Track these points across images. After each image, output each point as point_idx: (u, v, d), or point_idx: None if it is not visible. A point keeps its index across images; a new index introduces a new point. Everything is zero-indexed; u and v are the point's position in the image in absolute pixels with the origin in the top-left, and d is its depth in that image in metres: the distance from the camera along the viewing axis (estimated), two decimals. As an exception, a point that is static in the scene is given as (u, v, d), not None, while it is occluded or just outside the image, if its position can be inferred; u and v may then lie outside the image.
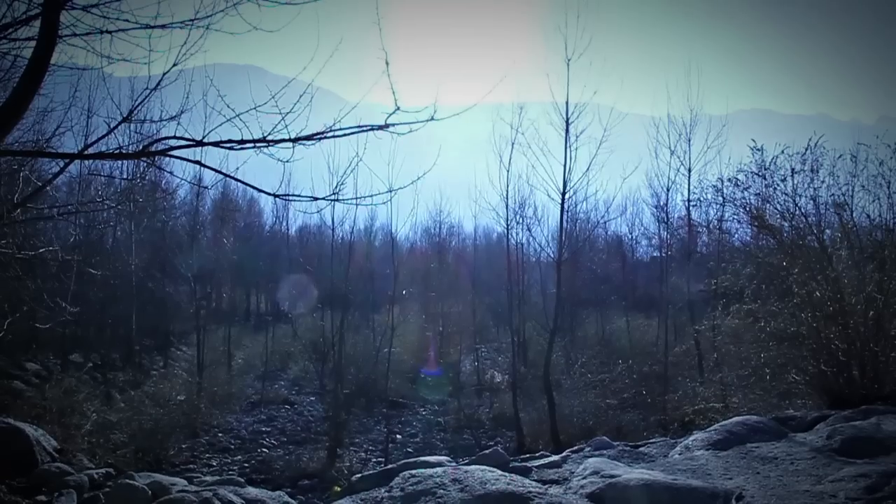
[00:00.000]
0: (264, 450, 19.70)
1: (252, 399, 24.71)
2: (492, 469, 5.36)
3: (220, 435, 20.61)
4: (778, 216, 10.77)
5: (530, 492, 4.76)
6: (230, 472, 16.01)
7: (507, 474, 5.26)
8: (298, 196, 5.70)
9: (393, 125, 4.78)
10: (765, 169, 10.62)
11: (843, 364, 9.16)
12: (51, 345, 22.45)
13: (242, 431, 21.24)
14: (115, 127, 5.75)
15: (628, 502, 4.94)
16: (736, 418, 7.57)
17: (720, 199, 12.10)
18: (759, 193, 10.99)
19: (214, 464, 18.14)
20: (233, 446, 19.92)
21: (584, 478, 5.52)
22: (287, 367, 29.91)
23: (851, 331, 9.03)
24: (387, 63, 4.77)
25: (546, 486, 5.48)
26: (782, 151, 10.57)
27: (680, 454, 6.66)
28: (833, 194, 10.34)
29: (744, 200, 11.20)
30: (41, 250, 11.92)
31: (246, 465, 18.25)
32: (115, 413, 16.84)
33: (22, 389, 17.44)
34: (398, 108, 4.72)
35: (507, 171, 21.89)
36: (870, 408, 7.72)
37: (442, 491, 4.74)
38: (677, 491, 5.04)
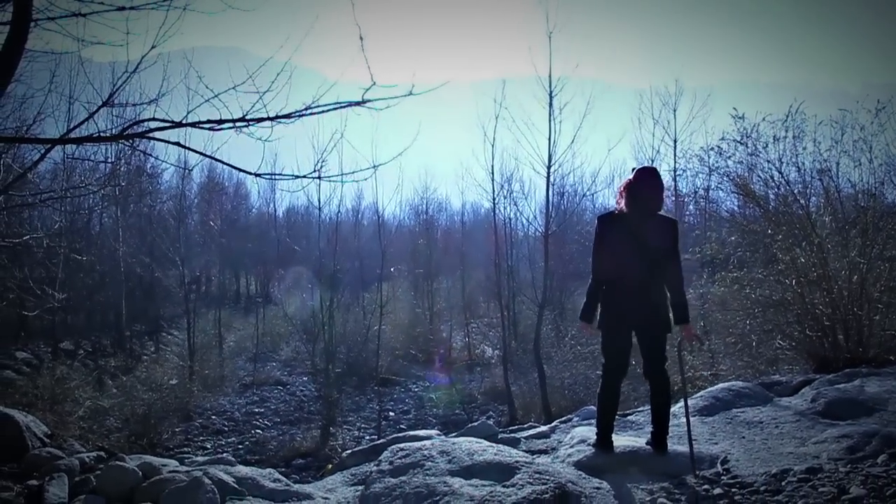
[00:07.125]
0: (258, 431, 19.79)
1: (244, 381, 24.77)
2: (479, 441, 5.40)
3: (213, 417, 20.69)
4: (762, 184, 10.81)
5: (517, 461, 4.81)
6: (224, 454, 16.08)
7: (494, 445, 5.30)
8: (280, 175, 5.69)
9: (370, 101, 4.73)
10: (747, 136, 10.63)
11: (827, 329, 9.26)
12: (40, 333, 22.43)
13: (235, 413, 21.32)
14: (96, 111, 5.69)
15: (616, 469, 5.01)
16: (722, 384, 7.63)
17: (705, 168, 12.11)
18: (743, 162, 11.00)
19: (208, 446, 18.22)
20: (226, 428, 20.01)
21: (571, 446, 5.59)
22: (278, 349, 29.95)
23: (835, 296, 9.11)
24: (361, 38, 4.73)
25: (534, 455, 5.54)
26: (763, 119, 10.58)
27: (667, 421, 6.73)
28: (816, 161, 10.37)
29: (728, 169, 11.22)
30: (26, 237, 11.90)
31: (240, 446, 18.35)
32: (107, 399, 16.85)
33: (12, 378, 17.40)
34: (374, 84, 4.67)
35: (492, 146, 21.97)
36: (854, 371, 7.81)
37: (430, 463, 4.78)
38: (664, 457, 5.12)
